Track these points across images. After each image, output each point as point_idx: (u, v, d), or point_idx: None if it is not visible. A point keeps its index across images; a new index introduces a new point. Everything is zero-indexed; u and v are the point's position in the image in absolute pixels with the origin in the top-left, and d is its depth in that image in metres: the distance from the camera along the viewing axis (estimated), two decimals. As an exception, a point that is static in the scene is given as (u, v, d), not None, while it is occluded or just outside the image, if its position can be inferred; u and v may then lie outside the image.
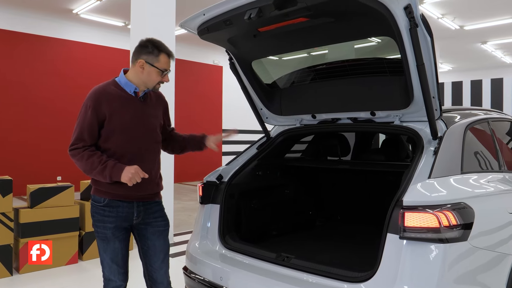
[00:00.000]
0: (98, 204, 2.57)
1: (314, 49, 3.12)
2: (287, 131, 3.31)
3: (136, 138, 2.55)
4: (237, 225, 3.11)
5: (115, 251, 2.58)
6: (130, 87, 2.57)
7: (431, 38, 2.22)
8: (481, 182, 2.50)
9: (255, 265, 2.62)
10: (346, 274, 2.23)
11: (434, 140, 2.47)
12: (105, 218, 2.55)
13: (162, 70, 2.55)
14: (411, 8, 2.07)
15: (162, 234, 2.72)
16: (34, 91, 10.10)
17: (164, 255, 2.73)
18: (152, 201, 2.69)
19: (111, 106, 2.49)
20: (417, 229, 1.99)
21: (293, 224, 3.72)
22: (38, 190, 4.71)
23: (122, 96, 2.54)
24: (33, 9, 10.02)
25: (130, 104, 2.55)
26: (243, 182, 3.18)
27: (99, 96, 2.50)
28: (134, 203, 2.58)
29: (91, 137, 2.49)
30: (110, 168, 2.41)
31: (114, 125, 2.49)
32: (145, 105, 2.62)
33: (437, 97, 2.40)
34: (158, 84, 2.60)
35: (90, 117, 2.47)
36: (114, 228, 2.55)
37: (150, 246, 2.68)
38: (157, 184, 2.70)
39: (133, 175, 2.38)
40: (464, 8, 10.00)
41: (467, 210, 2.10)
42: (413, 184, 2.17)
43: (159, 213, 2.72)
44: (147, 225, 2.66)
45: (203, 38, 2.78)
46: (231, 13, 2.45)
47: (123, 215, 2.56)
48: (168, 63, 2.59)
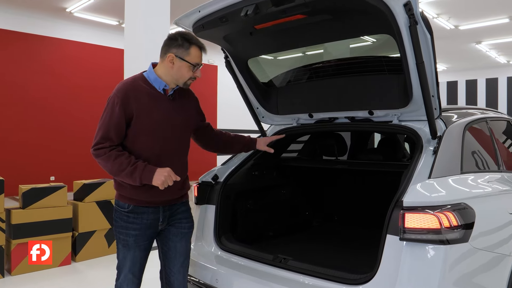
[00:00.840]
0: (122, 210, 2.42)
1: (311, 47, 3.08)
2: (283, 130, 3.27)
3: (165, 139, 2.40)
4: (233, 226, 3.07)
5: (134, 260, 2.44)
6: (160, 84, 2.41)
7: (431, 35, 2.19)
8: (481, 182, 2.47)
9: (251, 267, 2.57)
10: (345, 276, 2.19)
11: (433, 139, 2.43)
12: (129, 225, 2.40)
13: (193, 65, 2.39)
14: (411, 5, 2.04)
15: (185, 237, 2.57)
16: (28, 90, 9.99)
17: (184, 259, 2.58)
18: (179, 203, 2.56)
19: (139, 103, 2.33)
20: (418, 230, 1.96)
21: (290, 225, 3.67)
22: (30, 191, 4.64)
23: (151, 94, 2.38)
24: (26, 8, 9.92)
25: (159, 102, 2.39)
26: (239, 182, 3.13)
27: (128, 92, 2.33)
28: (160, 208, 2.44)
29: (118, 136, 2.32)
30: (140, 170, 2.26)
31: (142, 124, 2.33)
32: (175, 104, 2.46)
33: (436, 96, 2.37)
34: (189, 79, 2.43)
35: (117, 114, 2.29)
36: (137, 236, 2.41)
37: (171, 247, 2.54)
38: (184, 186, 2.55)
39: (166, 178, 2.25)
40: (459, 8, 10.02)
41: (467, 211, 2.06)
42: (413, 184, 2.14)
43: (184, 214, 2.58)
44: (170, 225, 2.53)
45: (198, 35, 2.72)
46: (227, 10, 2.40)
47: (148, 222, 2.42)
48: (200, 56, 2.42)
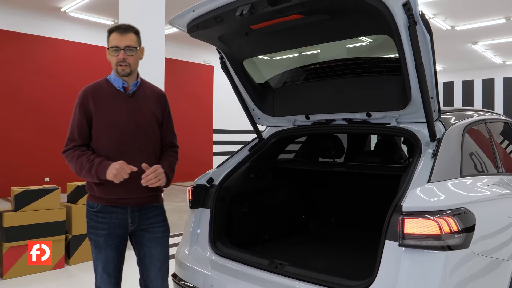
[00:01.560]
0: (91, 210, 2.49)
1: (307, 48, 3.03)
2: (279, 132, 3.22)
3: (126, 135, 2.43)
4: (228, 230, 3.01)
5: (107, 260, 2.47)
6: (118, 82, 2.49)
7: (430, 36, 2.14)
8: (481, 186, 2.43)
9: (247, 272, 2.51)
10: (343, 283, 2.14)
11: (432, 142, 2.39)
12: (98, 225, 2.45)
13: (111, 48, 2.43)
14: (410, 5, 1.99)
15: (160, 241, 2.55)
16: (22, 90, 9.91)
17: (161, 264, 2.57)
18: (150, 205, 2.54)
19: (97, 101, 2.43)
20: (417, 236, 1.91)
21: (286, 228, 3.62)
22: (22, 193, 4.57)
23: (110, 92, 2.47)
24: (21, 7, 9.85)
25: (118, 99, 2.46)
26: (235, 185, 3.08)
27: (86, 93, 2.45)
28: (128, 209, 2.45)
29: (82, 136, 2.42)
30: (96, 166, 2.32)
31: (101, 122, 2.42)
32: (136, 100, 2.50)
33: (435, 98, 2.32)
34: (117, 65, 2.44)
35: (78, 115, 2.42)
36: (107, 235, 2.44)
37: (147, 253, 2.54)
38: (153, 187, 2.48)
39: (118, 171, 2.27)
40: (455, 9, 10.02)
41: (468, 216, 2.02)
42: (412, 188, 2.09)
43: (157, 218, 2.56)
44: (143, 231, 2.52)
45: (192, 35, 2.67)
46: (222, 10, 2.34)
47: (117, 222, 2.45)
48: (118, 39, 2.43)
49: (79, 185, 5.02)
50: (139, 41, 2.51)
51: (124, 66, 2.43)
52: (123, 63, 2.43)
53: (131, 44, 2.44)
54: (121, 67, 2.44)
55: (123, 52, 2.42)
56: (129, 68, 2.45)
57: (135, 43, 2.47)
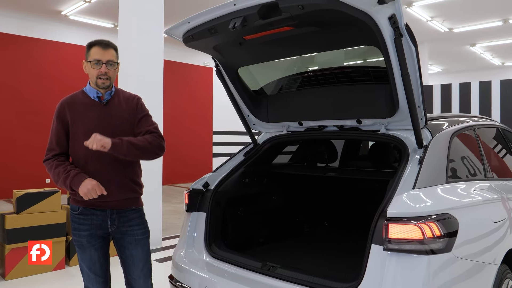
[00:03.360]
0: (73, 212, 2.60)
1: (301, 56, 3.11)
2: (274, 138, 3.30)
3: None
4: (223, 233, 3.09)
5: (92, 260, 2.59)
6: (93, 92, 2.60)
7: (415, 47, 2.22)
8: (466, 192, 2.51)
9: (240, 274, 2.60)
10: (330, 285, 2.23)
11: (420, 149, 2.47)
12: (80, 226, 2.57)
13: (92, 61, 2.53)
14: (396, 18, 2.07)
15: (140, 243, 2.66)
16: (23, 93, 10.01)
17: (143, 265, 2.68)
18: (128, 209, 2.63)
19: (73, 111, 2.55)
20: (401, 240, 1.99)
21: (281, 231, 3.70)
22: (24, 196, 4.66)
23: (85, 102, 2.59)
24: (22, 10, 9.94)
25: (93, 108, 2.57)
26: (230, 189, 3.16)
27: (63, 104, 2.58)
28: (108, 211, 2.56)
29: (60, 145, 2.55)
30: (71, 177, 2.43)
31: (76, 131, 2.53)
32: (110, 109, 2.60)
33: (422, 106, 2.40)
34: (98, 78, 2.54)
35: (56, 126, 2.56)
36: (89, 236, 2.56)
37: (128, 255, 2.65)
38: (130, 190, 2.63)
39: (89, 191, 2.38)
40: (452, 11, 10.08)
41: (451, 221, 2.10)
42: (397, 195, 2.17)
43: (136, 221, 2.66)
44: (123, 234, 2.63)
45: (188, 45, 2.76)
46: (216, 22, 2.43)
47: (98, 223, 2.56)
48: (100, 53, 2.54)
49: (79, 188, 5.09)
50: (117, 57, 2.64)
51: (104, 80, 2.55)
52: (103, 76, 2.54)
53: (112, 59, 2.57)
54: (101, 80, 2.55)
55: (105, 66, 2.53)
56: (109, 81, 2.57)
57: (115, 58, 2.60)
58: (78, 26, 11.01)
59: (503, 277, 2.50)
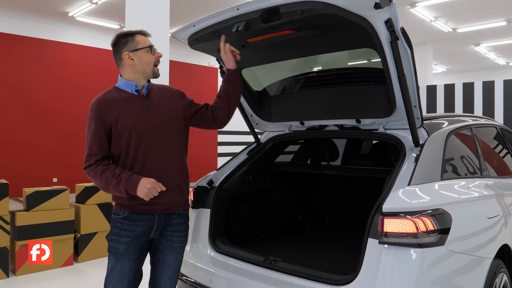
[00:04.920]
0: (117, 217, 2.42)
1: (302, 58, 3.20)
2: (276, 137, 3.40)
3: (148, 134, 2.38)
4: (227, 229, 3.19)
5: (123, 271, 2.37)
6: (131, 86, 2.43)
7: (411, 50, 2.31)
8: (460, 189, 2.59)
9: (243, 268, 2.70)
10: (329, 277, 2.32)
11: (416, 147, 2.55)
12: (122, 232, 2.38)
13: (148, 47, 2.44)
14: (392, 21, 2.16)
15: (176, 250, 2.52)
16: (30, 94, 10.14)
17: (173, 272, 2.53)
18: (175, 213, 2.49)
19: (115, 110, 2.36)
20: (396, 234, 2.08)
21: (283, 227, 3.80)
22: (34, 194, 4.79)
23: (124, 98, 2.41)
24: (30, 12, 10.08)
25: (135, 103, 2.41)
26: (234, 187, 3.25)
27: (100, 104, 2.37)
28: (156, 216, 2.41)
29: (102, 149, 2.35)
30: (124, 181, 2.26)
31: (122, 126, 2.34)
32: (151, 101, 2.46)
33: (418, 107, 2.48)
34: (155, 64, 2.47)
35: (95, 128, 2.34)
36: (129, 243, 2.37)
37: (160, 259, 2.51)
38: (180, 191, 2.48)
39: (150, 190, 2.24)
40: (456, 12, 10.13)
41: (444, 216, 2.19)
42: (393, 191, 2.26)
43: (179, 226, 2.52)
44: (161, 237, 2.48)
45: (193, 48, 2.86)
46: (220, 25, 2.53)
47: (142, 230, 2.39)
48: (147, 40, 2.48)
49: (87, 186, 5.23)
50: None
51: (158, 66, 2.48)
52: (157, 62, 2.46)
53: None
54: (156, 67, 2.47)
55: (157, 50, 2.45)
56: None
57: None
58: (84, 27, 11.15)
59: (496, 271, 2.58)
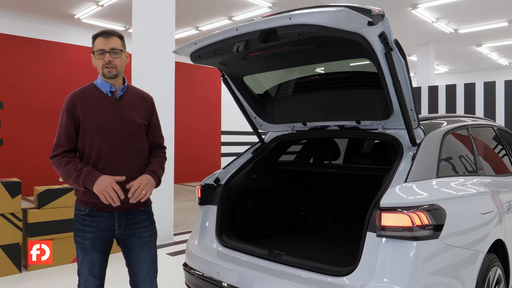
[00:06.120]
0: (79, 213, 2.50)
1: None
2: (280, 136, 3.54)
3: (113, 137, 2.44)
4: (233, 225, 3.33)
5: (93, 262, 2.48)
6: (106, 87, 2.52)
7: (404, 60, 2.44)
8: (455, 186, 2.73)
9: (249, 261, 2.84)
10: (330, 269, 2.46)
11: (413, 146, 2.69)
12: (85, 228, 2.46)
13: (96, 52, 2.48)
14: (385, 35, 2.29)
15: (147, 246, 2.57)
16: (37, 95, 10.27)
17: (150, 267, 2.60)
18: (136, 210, 2.54)
19: (85, 106, 2.45)
20: (392, 228, 2.22)
21: (286, 224, 3.94)
22: (45, 192, 4.94)
23: (97, 96, 2.50)
24: (36, 14, 10.23)
25: (106, 103, 2.49)
26: (239, 184, 3.39)
27: (73, 98, 2.48)
28: (115, 214, 2.46)
29: (69, 141, 2.44)
30: (84, 175, 2.33)
31: (89, 124, 2.43)
32: (123, 104, 2.52)
33: (414, 109, 2.61)
34: (104, 68, 2.48)
35: (65, 120, 2.44)
36: (94, 238, 2.45)
37: (134, 257, 2.57)
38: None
39: (105, 187, 2.29)
40: (457, 13, 10.22)
41: (439, 211, 2.32)
42: (391, 187, 2.40)
43: (143, 223, 2.57)
44: (130, 236, 2.54)
45: (196, 63, 2.97)
46: (220, 44, 2.63)
47: (104, 225, 2.46)
48: (103, 42, 2.48)
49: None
50: (123, 45, 2.56)
51: (110, 68, 2.47)
52: (109, 65, 2.46)
53: (116, 47, 2.49)
54: (107, 69, 2.47)
55: (109, 54, 2.46)
56: (115, 70, 2.49)
57: (120, 46, 2.51)
58: (90, 29, 11.26)
59: (490, 264, 2.72)
